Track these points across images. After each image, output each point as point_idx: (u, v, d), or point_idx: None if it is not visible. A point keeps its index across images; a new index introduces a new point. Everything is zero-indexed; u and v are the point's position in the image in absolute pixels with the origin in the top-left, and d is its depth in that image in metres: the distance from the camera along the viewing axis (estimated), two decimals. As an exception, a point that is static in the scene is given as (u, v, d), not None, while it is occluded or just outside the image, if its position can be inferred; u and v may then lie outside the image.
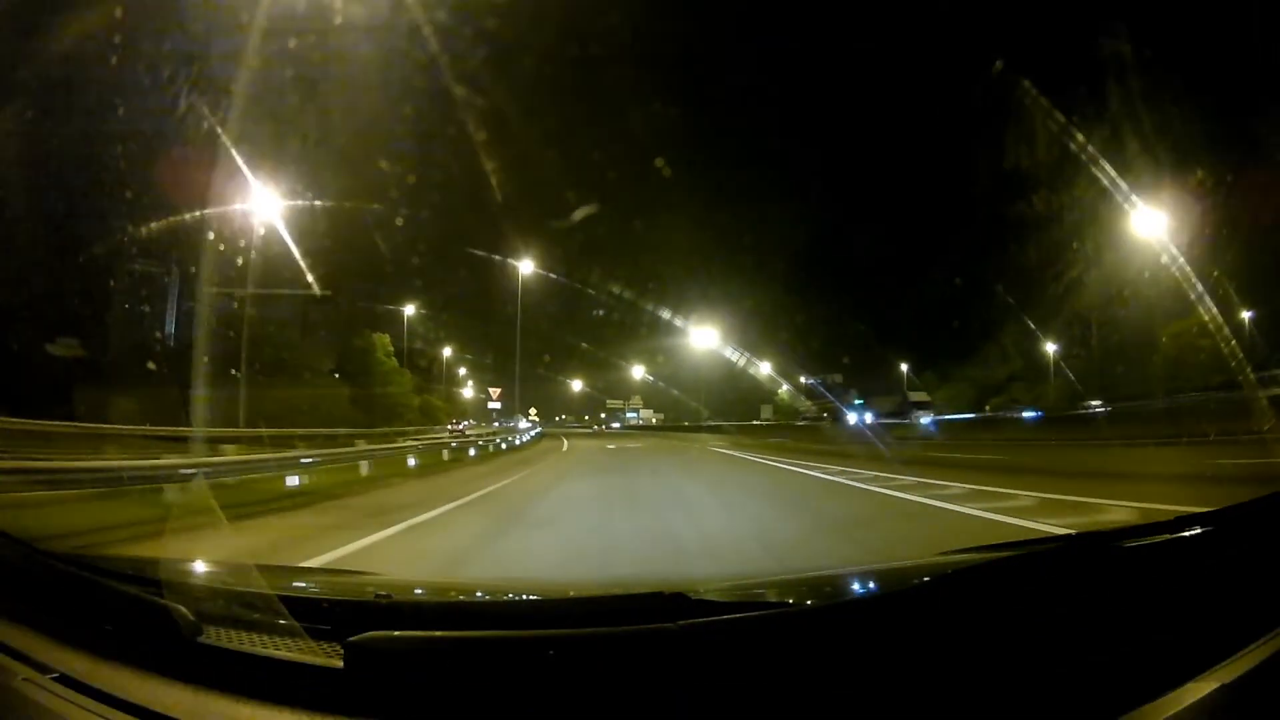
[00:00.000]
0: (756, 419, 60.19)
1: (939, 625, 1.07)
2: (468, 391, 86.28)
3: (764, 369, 55.07)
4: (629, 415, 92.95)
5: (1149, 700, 0.94)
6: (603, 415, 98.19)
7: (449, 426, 49.55)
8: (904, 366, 53.58)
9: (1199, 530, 1.31)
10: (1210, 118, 20.54)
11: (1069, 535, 1.81)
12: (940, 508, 7.53)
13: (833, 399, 46.58)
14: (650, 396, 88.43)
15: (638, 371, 79.15)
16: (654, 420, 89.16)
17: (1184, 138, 20.00)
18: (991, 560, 1.40)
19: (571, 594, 1.80)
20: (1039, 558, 1.43)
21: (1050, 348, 37.63)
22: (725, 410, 64.62)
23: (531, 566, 4.99)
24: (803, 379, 58.05)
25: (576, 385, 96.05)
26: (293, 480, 10.23)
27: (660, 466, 17.02)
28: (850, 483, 10.92)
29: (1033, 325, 34.39)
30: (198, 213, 19.37)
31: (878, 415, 43.06)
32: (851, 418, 43.24)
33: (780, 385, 61.81)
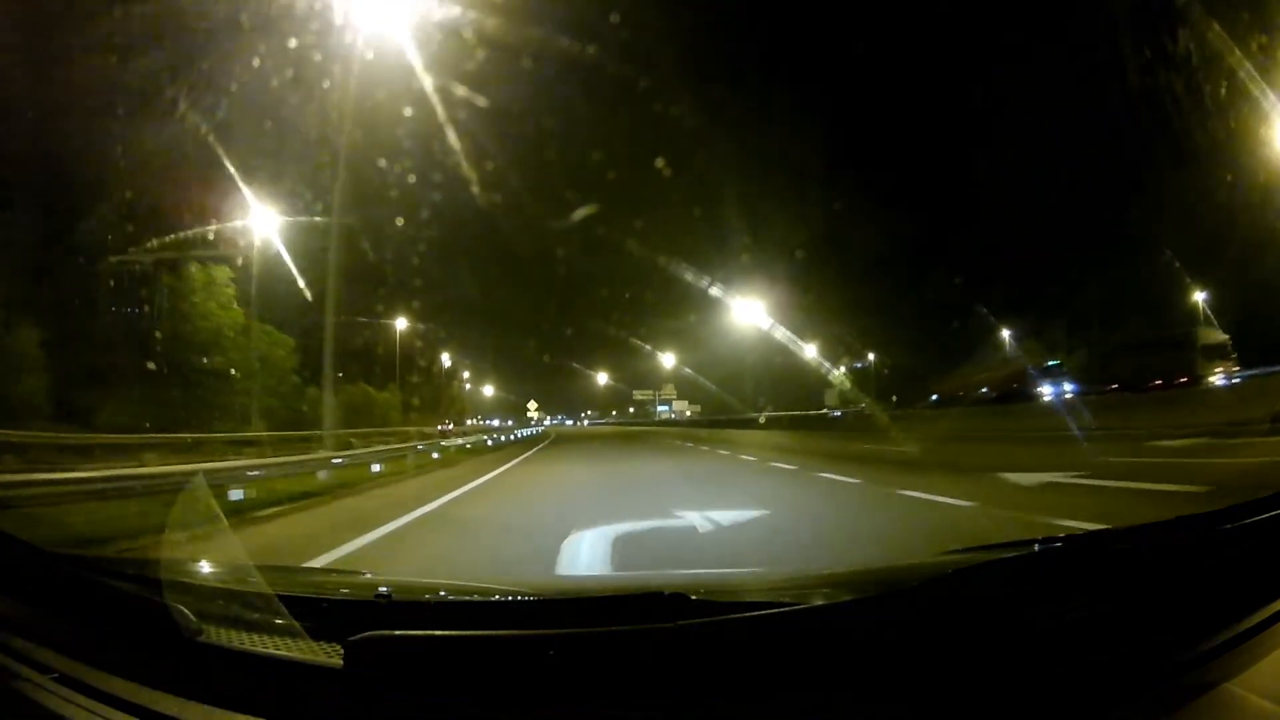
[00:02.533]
0: (805, 409, 47.03)
1: (939, 625, 1.06)
2: (489, 390, 79.62)
3: (816, 349, 43.64)
4: (660, 409, 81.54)
5: (1148, 700, 0.95)
6: (630, 410, 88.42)
7: (439, 428, 39.13)
8: (1005, 333, 41.10)
9: (1199, 530, 1.30)
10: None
11: (1068, 535, 1.72)
12: None
13: (1029, 367, 26.66)
14: (683, 386, 76.87)
15: (669, 360, 67.85)
16: (688, 413, 77.16)
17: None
18: (991, 560, 1.41)
19: (572, 593, 1.81)
20: (1039, 557, 1.41)
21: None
22: (773, 400, 52.80)
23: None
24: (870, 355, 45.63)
25: (602, 378, 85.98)
26: None
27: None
28: None
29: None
30: None
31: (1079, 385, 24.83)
32: (1045, 390, 24.08)
33: (833, 368, 49.92)
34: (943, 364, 39.63)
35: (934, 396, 31.89)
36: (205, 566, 1.77)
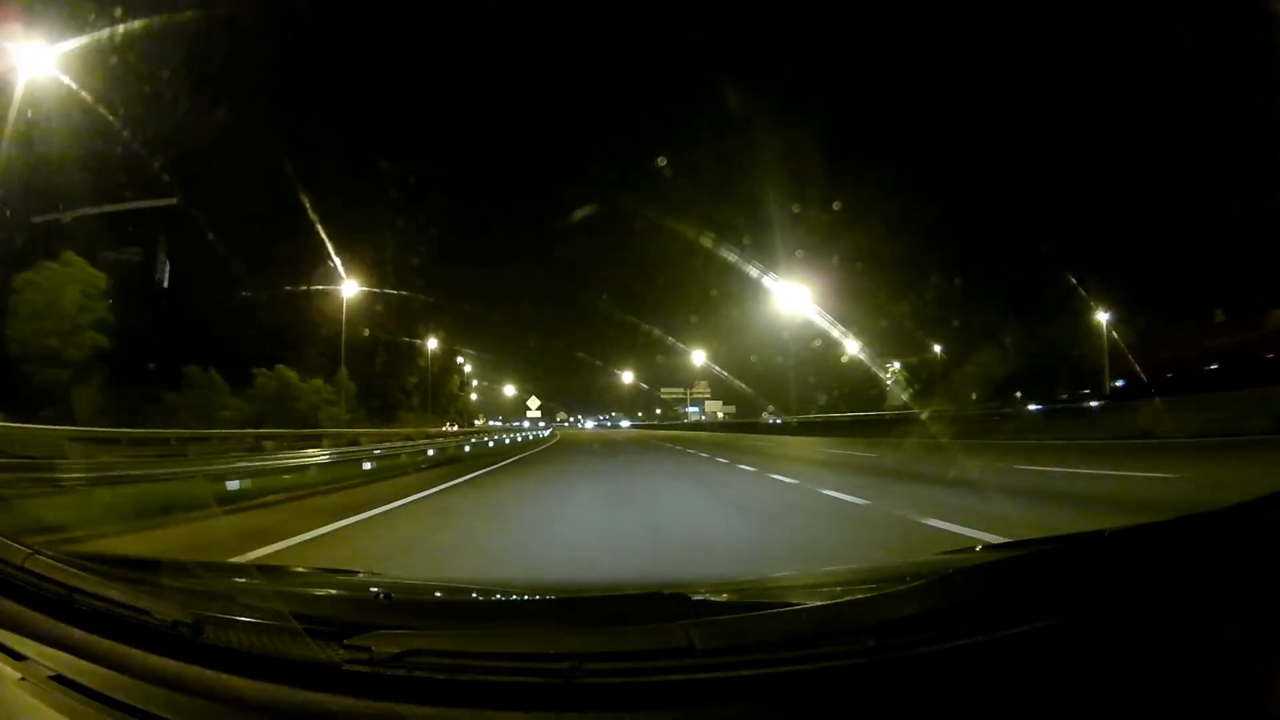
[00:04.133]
0: (850, 410, 38.03)
1: (938, 625, 1.05)
2: (511, 390, 73.00)
3: (861, 345, 35.43)
4: (690, 410, 73.68)
5: (1150, 700, 0.95)
6: (657, 410, 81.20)
7: (444, 429, 35.06)
8: (1103, 316, 31.99)
9: (1201, 530, 1.27)
10: None
11: (1067, 535, 1.48)
12: None
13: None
14: (716, 384, 68.71)
15: (700, 358, 59.86)
16: (720, 415, 69.00)
17: None
18: (991, 560, 1.44)
19: (571, 593, 1.80)
20: (1038, 558, 1.39)
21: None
22: (812, 401, 44.57)
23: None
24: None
25: (629, 377, 78.26)
26: None
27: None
28: None
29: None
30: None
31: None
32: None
33: (887, 363, 41.60)
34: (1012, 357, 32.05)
35: (1119, 382, 22.44)
36: (205, 566, 1.81)
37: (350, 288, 26.68)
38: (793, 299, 33.57)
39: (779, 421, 38.90)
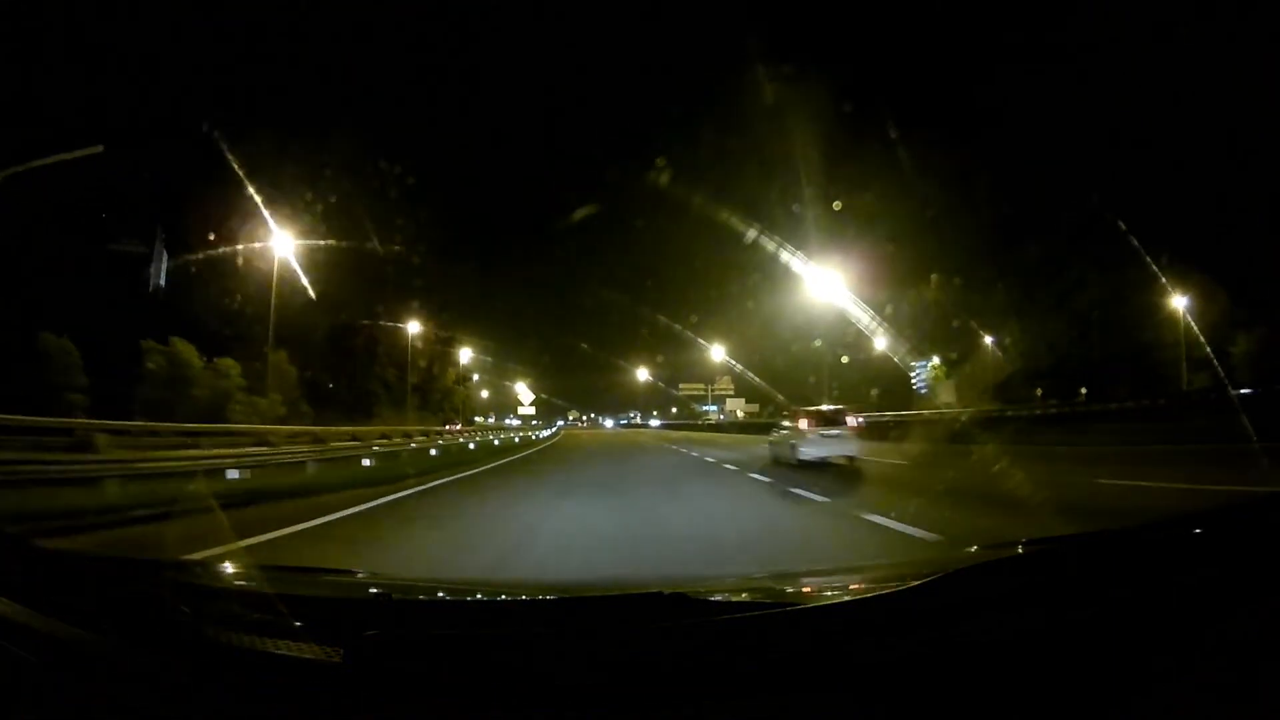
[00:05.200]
0: (882, 409, 32.59)
1: (937, 624, 1.05)
2: (520, 388, 69.59)
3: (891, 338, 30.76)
4: (709, 409, 68.75)
5: (1151, 698, 0.95)
6: (673, 410, 76.67)
7: (446, 428, 33.46)
8: (1179, 302, 26.80)
9: (1201, 530, 1.30)
10: None
11: (1066, 536, 1.55)
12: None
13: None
14: (737, 381, 63.59)
15: (721, 354, 55.04)
16: (740, 414, 63.80)
17: None
18: (989, 560, 1.43)
19: (570, 593, 1.78)
20: (1038, 558, 1.42)
21: None
22: (843, 398, 39.59)
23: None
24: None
25: (645, 375, 73.74)
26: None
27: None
28: None
29: None
30: None
31: None
32: None
33: (923, 357, 36.50)
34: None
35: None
36: (206, 566, 1.90)
37: (284, 245, 20.77)
38: (824, 290, 28.59)
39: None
